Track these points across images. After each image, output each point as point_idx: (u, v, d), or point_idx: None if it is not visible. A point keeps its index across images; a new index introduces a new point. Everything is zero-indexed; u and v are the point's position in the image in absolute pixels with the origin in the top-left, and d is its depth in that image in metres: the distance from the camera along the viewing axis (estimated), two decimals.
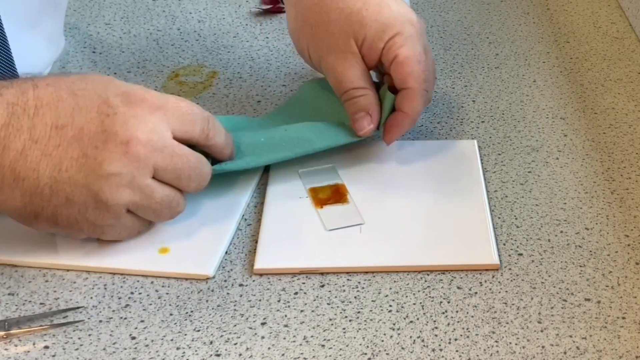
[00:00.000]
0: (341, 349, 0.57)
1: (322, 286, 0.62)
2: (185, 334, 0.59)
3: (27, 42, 0.60)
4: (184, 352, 0.57)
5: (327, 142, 0.71)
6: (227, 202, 0.69)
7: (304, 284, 0.63)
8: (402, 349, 0.57)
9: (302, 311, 0.60)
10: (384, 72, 0.73)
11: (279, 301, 0.61)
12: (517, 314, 0.60)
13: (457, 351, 0.57)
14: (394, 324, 0.59)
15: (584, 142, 0.78)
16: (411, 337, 0.58)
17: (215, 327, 0.59)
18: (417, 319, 0.59)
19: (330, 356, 0.57)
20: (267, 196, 0.70)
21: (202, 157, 0.64)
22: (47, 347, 0.58)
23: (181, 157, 0.62)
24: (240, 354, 0.57)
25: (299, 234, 0.67)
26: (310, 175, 0.72)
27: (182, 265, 0.64)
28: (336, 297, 0.61)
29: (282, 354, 0.57)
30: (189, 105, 0.63)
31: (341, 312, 0.60)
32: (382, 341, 0.58)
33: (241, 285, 0.63)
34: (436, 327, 0.59)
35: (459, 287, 0.62)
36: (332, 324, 0.59)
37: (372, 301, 0.61)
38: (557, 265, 0.64)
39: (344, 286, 0.62)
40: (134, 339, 0.58)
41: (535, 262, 0.64)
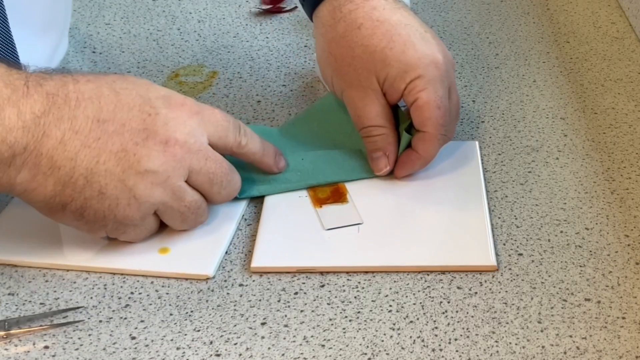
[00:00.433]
0: (341, 349, 0.57)
1: (322, 286, 0.62)
2: (185, 334, 0.59)
3: (37, 47, 0.60)
4: (184, 352, 0.57)
5: (342, 176, 0.72)
6: (228, 202, 0.69)
7: (304, 284, 0.63)
8: (402, 349, 0.57)
9: (302, 311, 0.60)
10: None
11: (279, 301, 0.61)
12: (517, 314, 0.60)
13: (457, 351, 0.57)
14: (394, 324, 0.59)
15: (584, 142, 0.78)
16: (411, 337, 0.58)
17: (215, 327, 0.59)
18: (417, 319, 0.59)
19: (330, 356, 0.57)
20: (266, 195, 0.71)
21: (233, 167, 0.65)
22: (47, 347, 0.58)
23: (215, 161, 0.63)
24: (240, 354, 0.57)
25: (296, 233, 0.67)
26: None
27: (183, 265, 0.64)
28: (336, 297, 0.61)
29: (282, 354, 0.57)
30: (223, 113, 0.65)
31: (341, 312, 0.60)
32: (382, 341, 0.58)
33: (241, 285, 0.63)
34: (436, 327, 0.59)
35: (459, 287, 0.62)
36: (332, 324, 0.59)
37: (372, 301, 0.61)
38: (557, 265, 0.64)
39: (344, 286, 0.62)
40: (134, 339, 0.58)
41: (535, 262, 0.64)
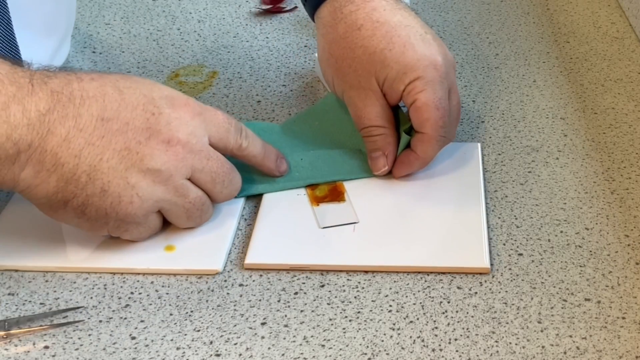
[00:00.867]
0: (341, 349, 0.57)
1: (322, 286, 0.62)
2: (185, 334, 0.59)
3: (40, 48, 0.61)
4: (184, 352, 0.57)
5: (340, 175, 0.72)
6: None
7: (304, 284, 0.63)
8: (402, 349, 0.57)
9: (302, 311, 0.60)
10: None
11: (279, 301, 0.61)
12: (517, 314, 0.60)
13: (457, 351, 0.57)
14: (394, 324, 0.59)
15: (584, 142, 0.78)
16: (411, 337, 0.58)
17: (215, 327, 0.59)
18: (417, 319, 0.59)
19: (330, 356, 0.57)
20: (265, 193, 0.71)
21: (234, 167, 0.66)
22: (47, 347, 0.58)
23: (217, 161, 0.64)
24: (240, 354, 0.57)
25: (292, 231, 0.67)
26: None
27: (190, 261, 0.64)
28: (336, 297, 0.61)
29: (282, 354, 0.57)
30: (225, 115, 0.66)
31: (341, 312, 0.60)
32: (382, 341, 0.58)
33: (241, 285, 0.63)
34: (436, 327, 0.59)
35: (459, 287, 0.62)
36: (332, 324, 0.59)
37: (372, 301, 0.61)
38: (557, 265, 0.64)
39: (344, 286, 0.62)
40: (134, 339, 0.58)
41: (535, 262, 0.64)
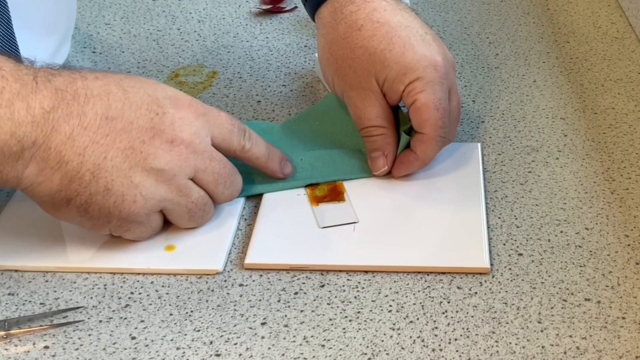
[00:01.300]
0: (341, 349, 0.57)
1: (322, 286, 0.62)
2: (185, 334, 0.59)
3: (40, 48, 0.61)
4: (184, 352, 0.57)
5: (340, 175, 0.72)
6: None
7: (304, 284, 0.63)
8: (402, 349, 0.57)
9: (302, 311, 0.60)
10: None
11: (279, 301, 0.61)
12: (517, 314, 0.60)
13: (457, 351, 0.57)
14: (394, 324, 0.59)
15: (584, 142, 0.78)
16: (411, 337, 0.58)
17: (215, 327, 0.59)
18: (417, 319, 0.59)
19: (330, 356, 0.57)
20: (265, 193, 0.71)
21: (236, 168, 0.66)
22: (47, 347, 0.58)
23: (219, 162, 0.64)
24: (240, 354, 0.57)
25: (292, 231, 0.67)
26: None
27: (191, 261, 0.64)
28: (336, 297, 0.61)
29: (282, 354, 0.57)
30: (228, 116, 0.66)
31: (341, 312, 0.60)
32: (382, 341, 0.58)
33: (241, 285, 0.63)
34: (436, 327, 0.59)
35: (459, 287, 0.62)
36: (332, 324, 0.59)
37: (372, 301, 0.61)
38: (557, 265, 0.64)
39: (344, 286, 0.62)
40: (134, 339, 0.58)
41: (535, 262, 0.64)
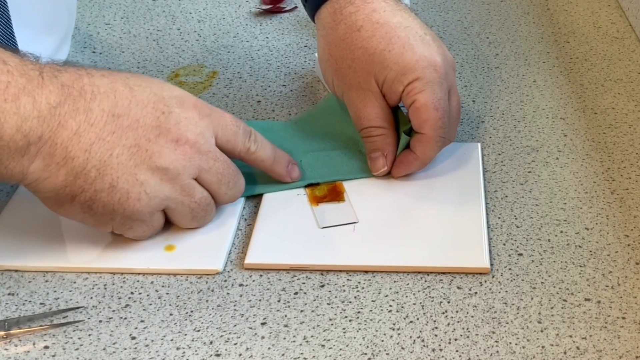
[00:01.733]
0: (341, 349, 0.57)
1: (322, 286, 0.62)
2: (185, 334, 0.59)
3: (39, 48, 0.61)
4: (184, 352, 0.57)
5: (340, 176, 0.72)
6: None
7: (304, 284, 0.63)
8: (402, 349, 0.57)
9: (302, 311, 0.60)
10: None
11: (279, 301, 0.61)
12: (517, 314, 0.60)
13: (457, 351, 0.57)
14: (394, 324, 0.59)
15: (584, 142, 0.78)
16: (411, 337, 0.58)
17: (215, 327, 0.59)
18: (417, 319, 0.59)
19: (330, 356, 0.57)
20: (265, 193, 0.71)
21: (239, 170, 0.66)
22: (47, 347, 0.58)
23: (223, 162, 0.64)
24: (240, 354, 0.57)
25: (292, 231, 0.67)
26: None
27: (191, 261, 0.64)
28: (336, 297, 0.61)
29: (282, 354, 0.57)
30: (233, 118, 0.66)
31: (341, 312, 0.60)
32: (382, 341, 0.58)
33: (241, 285, 0.63)
34: (436, 327, 0.59)
35: (459, 287, 0.62)
36: (332, 324, 0.59)
37: (372, 301, 0.61)
38: (557, 265, 0.64)
39: (344, 286, 0.62)
40: (134, 339, 0.58)
41: (535, 262, 0.64)
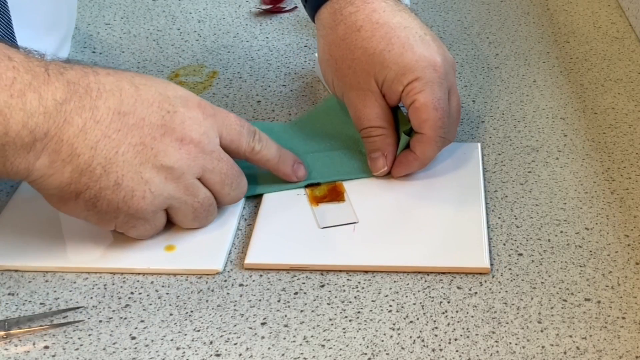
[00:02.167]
0: (341, 349, 0.57)
1: (322, 286, 0.62)
2: (185, 334, 0.59)
3: (39, 48, 0.61)
4: (184, 352, 0.57)
5: (340, 176, 0.72)
6: None
7: (304, 284, 0.63)
8: (402, 349, 0.57)
9: (302, 311, 0.60)
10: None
11: (279, 301, 0.61)
12: (517, 314, 0.60)
13: (457, 351, 0.57)
14: (394, 324, 0.59)
15: (584, 142, 0.78)
16: (411, 337, 0.58)
17: (215, 327, 0.59)
18: (417, 319, 0.59)
19: (330, 356, 0.57)
20: (265, 193, 0.71)
21: (242, 171, 0.66)
22: (47, 347, 0.58)
23: (227, 163, 0.65)
24: (240, 354, 0.57)
25: (292, 231, 0.67)
26: None
27: (191, 261, 0.64)
28: (336, 297, 0.61)
29: (282, 354, 0.57)
30: (237, 118, 0.66)
31: (341, 312, 0.60)
32: (382, 341, 0.58)
33: (241, 285, 0.63)
34: (436, 327, 0.59)
35: (459, 287, 0.62)
36: (332, 324, 0.59)
37: (372, 301, 0.61)
38: (557, 265, 0.64)
39: (344, 286, 0.62)
40: (134, 339, 0.58)
41: (535, 262, 0.64)
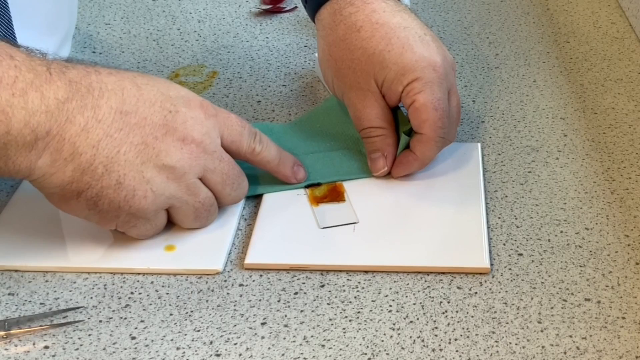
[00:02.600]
0: (341, 349, 0.57)
1: (322, 286, 0.62)
2: (185, 334, 0.59)
3: (42, 47, 0.61)
4: (184, 352, 0.57)
5: (340, 176, 0.72)
6: None
7: (304, 284, 0.63)
8: (402, 349, 0.57)
9: (302, 311, 0.60)
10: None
11: (279, 301, 0.61)
12: (517, 314, 0.60)
13: (457, 351, 0.57)
14: (394, 324, 0.59)
15: (584, 142, 0.78)
16: (411, 337, 0.58)
17: (215, 327, 0.59)
18: (417, 319, 0.59)
19: (330, 356, 0.57)
20: (265, 193, 0.71)
21: (243, 172, 0.67)
22: (47, 347, 0.58)
23: (228, 163, 0.65)
24: (240, 354, 0.57)
25: (292, 231, 0.67)
26: None
27: (191, 261, 0.64)
28: (336, 297, 0.61)
29: (282, 354, 0.57)
30: (239, 118, 0.66)
31: (341, 312, 0.60)
32: (382, 341, 0.58)
33: (241, 285, 0.63)
34: (436, 327, 0.59)
35: (459, 287, 0.62)
36: (332, 324, 0.59)
37: (372, 301, 0.61)
38: (557, 265, 0.64)
39: (344, 286, 0.62)
40: (134, 339, 0.58)
41: (535, 262, 0.64)
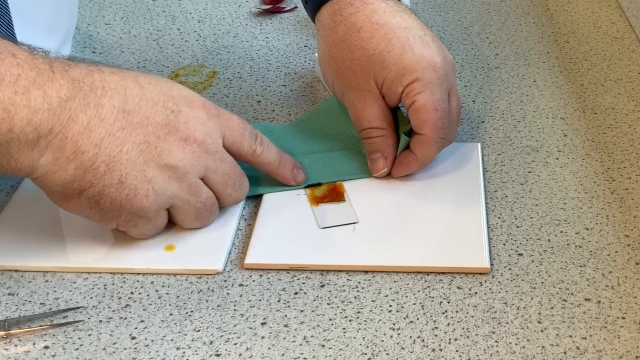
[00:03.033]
0: (341, 349, 0.57)
1: (322, 286, 0.62)
2: (185, 334, 0.59)
3: (44, 47, 0.61)
4: (184, 352, 0.57)
5: (340, 176, 0.72)
6: None
7: (304, 284, 0.63)
8: (402, 349, 0.57)
9: (302, 311, 0.60)
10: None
11: (279, 301, 0.61)
12: (517, 314, 0.60)
13: (457, 351, 0.57)
14: (394, 324, 0.59)
15: (584, 142, 0.78)
16: (411, 337, 0.58)
17: (215, 327, 0.59)
18: (417, 319, 0.59)
19: (330, 356, 0.57)
20: (265, 193, 0.71)
21: (244, 172, 0.67)
22: (47, 347, 0.58)
23: (229, 163, 0.65)
24: (240, 354, 0.57)
25: (292, 231, 0.67)
26: None
27: (191, 261, 0.64)
28: (336, 297, 0.61)
29: (282, 354, 0.57)
30: (240, 119, 0.66)
31: (341, 312, 0.60)
32: (382, 341, 0.58)
33: (241, 285, 0.63)
34: (436, 327, 0.59)
35: (459, 287, 0.62)
36: (332, 324, 0.59)
37: (372, 301, 0.61)
38: (557, 265, 0.64)
39: (344, 286, 0.62)
40: (134, 339, 0.58)
41: (535, 262, 0.64)
